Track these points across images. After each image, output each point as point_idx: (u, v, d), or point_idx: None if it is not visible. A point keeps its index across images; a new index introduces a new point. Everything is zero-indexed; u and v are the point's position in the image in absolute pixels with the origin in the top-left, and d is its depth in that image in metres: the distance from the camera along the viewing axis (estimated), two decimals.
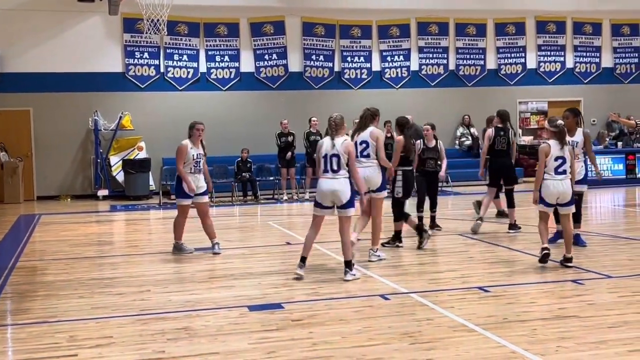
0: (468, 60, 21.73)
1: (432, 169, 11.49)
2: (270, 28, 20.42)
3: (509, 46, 22.03)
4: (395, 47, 21.30)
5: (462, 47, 21.68)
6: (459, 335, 6.03)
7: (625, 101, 22.17)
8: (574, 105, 21.79)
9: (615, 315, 6.52)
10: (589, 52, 22.58)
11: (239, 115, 19.76)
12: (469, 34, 21.71)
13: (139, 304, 7.38)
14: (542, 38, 22.24)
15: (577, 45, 22.50)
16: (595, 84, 22.48)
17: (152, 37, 18.46)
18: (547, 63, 22.30)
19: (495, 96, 21.67)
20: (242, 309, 7.05)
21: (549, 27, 22.26)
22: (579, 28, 22.49)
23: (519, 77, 22.09)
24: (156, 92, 19.67)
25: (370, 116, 9.67)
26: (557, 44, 22.34)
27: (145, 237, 13.27)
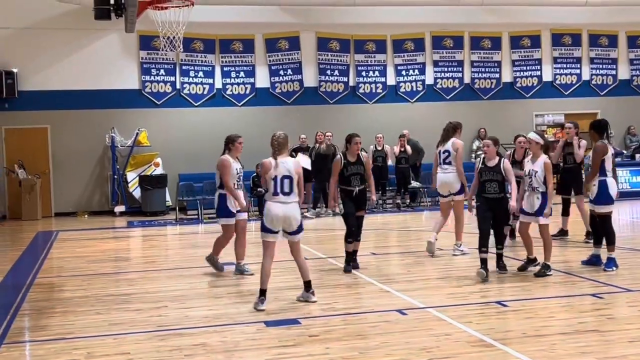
0: (483, 74, 21.69)
1: (495, 195, 8.97)
2: (285, 44, 20.50)
3: (524, 59, 21.97)
4: (410, 61, 21.30)
5: (477, 60, 21.65)
6: (477, 350, 5.98)
7: None
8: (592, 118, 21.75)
9: (635, 329, 6.45)
10: (605, 64, 22.47)
11: (254, 130, 19.75)
12: (484, 47, 21.68)
13: (156, 320, 7.38)
14: (558, 50, 22.16)
15: (593, 57, 22.40)
16: (612, 96, 22.32)
17: (168, 54, 18.60)
18: (563, 75, 22.21)
19: (511, 109, 21.60)
20: (259, 324, 7.04)
21: (564, 39, 22.18)
22: (595, 40, 22.39)
23: (535, 90, 22.01)
24: (172, 108, 19.78)
25: (452, 129, 11.18)
26: (573, 56, 22.25)
27: (162, 253, 13.30)
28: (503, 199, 8.94)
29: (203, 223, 16.96)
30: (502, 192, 8.94)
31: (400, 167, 18.56)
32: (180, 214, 17.95)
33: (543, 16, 21.58)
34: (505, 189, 9.00)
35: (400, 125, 19.77)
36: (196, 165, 19.36)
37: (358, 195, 9.59)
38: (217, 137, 19.69)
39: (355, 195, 9.55)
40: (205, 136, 19.66)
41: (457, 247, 10.83)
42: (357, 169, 9.58)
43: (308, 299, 7.87)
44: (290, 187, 7.72)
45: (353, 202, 9.61)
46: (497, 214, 8.91)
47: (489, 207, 8.89)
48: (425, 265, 10.34)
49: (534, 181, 8.82)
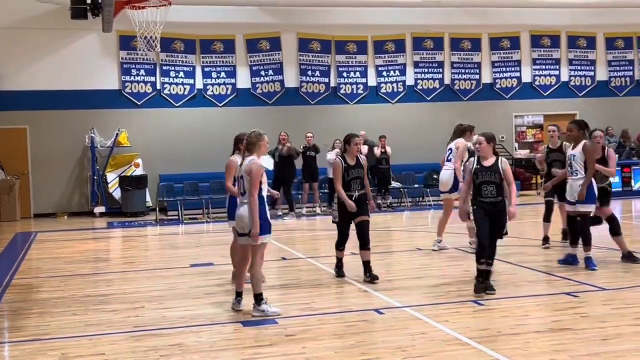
0: (463, 75, 21.82)
1: (492, 199, 7.99)
2: (266, 44, 20.50)
3: (504, 60, 22.12)
4: (391, 62, 21.38)
5: (457, 61, 21.77)
6: (452, 349, 6.02)
7: (620, 114, 22.24)
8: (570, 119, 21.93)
9: (609, 327, 6.52)
10: (583, 66, 22.68)
11: (235, 131, 19.46)
12: (464, 48, 21.81)
13: (133, 320, 7.37)
14: (537, 52, 22.34)
15: (572, 58, 22.60)
16: (591, 97, 22.55)
17: (148, 54, 18.52)
18: (542, 77, 22.39)
19: (491, 110, 21.74)
20: (236, 324, 7.05)
21: (543, 41, 22.36)
22: (574, 42, 22.60)
23: (514, 91, 22.17)
24: (153, 108, 19.72)
25: (459, 130, 11.14)
26: (552, 57, 22.44)
27: (142, 253, 13.25)
28: (501, 202, 7.96)
29: (183, 224, 16.92)
30: (500, 195, 7.99)
31: (380, 167, 18.67)
32: (160, 214, 17.89)
33: (522, 18, 21.75)
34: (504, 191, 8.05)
35: (381, 126, 19.85)
36: (177, 166, 19.33)
37: (357, 201, 8.87)
38: (197, 137, 19.81)
39: (355, 201, 8.83)
40: (186, 137, 19.64)
41: (437, 243, 11.10)
42: (357, 172, 8.95)
43: (235, 307, 7.50)
44: (244, 188, 7.38)
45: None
46: (494, 221, 7.93)
47: (485, 212, 7.96)
48: (404, 265, 10.40)
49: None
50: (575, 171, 9.20)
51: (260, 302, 7.28)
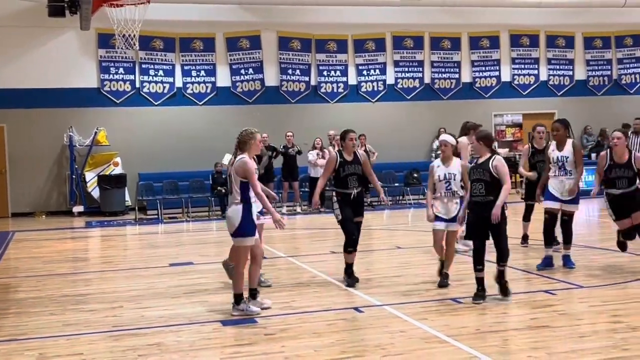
0: (443, 74, 21.89)
1: (480, 198, 7.52)
2: (246, 43, 20.44)
3: (483, 60, 22.22)
4: (371, 61, 21.40)
5: (437, 60, 21.84)
6: (431, 346, 6.04)
7: (598, 113, 22.41)
8: (549, 118, 22.09)
9: (586, 324, 6.58)
10: (562, 65, 22.84)
11: (215, 129, 19.71)
12: (444, 47, 21.88)
13: (111, 320, 7.32)
14: (516, 51, 22.47)
15: (551, 58, 22.75)
16: (569, 97, 22.69)
17: (127, 52, 18.38)
18: (521, 76, 22.52)
19: (471, 109, 21.78)
20: (215, 323, 7.03)
21: (522, 40, 22.50)
22: (552, 41, 22.75)
23: (494, 90, 22.28)
24: (132, 107, 19.58)
25: (462, 128, 11.05)
26: (531, 57, 22.58)
27: (121, 253, 13.17)
28: (491, 203, 7.43)
29: (163, 223, 16.84)
30: (491, 194, 7.44)
31: None
32: (139, 213, 17.80)
33: (501, 17, 21.85)
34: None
35: (362, 125, 19.77)
36: (156, 165, 19.23)
37: (356, 199, 8.55)
38: (177, 136, 19.72)
39: (353, 199, 8.51)
40: (166, 135, 19.54)
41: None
42: (354, 168, 8.54)
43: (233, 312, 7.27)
44: (230, 188, 7.30)
45: (351, 207, 8.55)
46: (485, 221, 7.46)
47: (475, 212, 7.58)
48: (384, 264, 10.42)
49: (452, 185, 8.26)
50: (569, 172, 9.10)
51: (240, 302, 7.22)
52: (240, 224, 7.13)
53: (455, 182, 8.25)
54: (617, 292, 7.82)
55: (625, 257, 9.64)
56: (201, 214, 17.84)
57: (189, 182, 18.55)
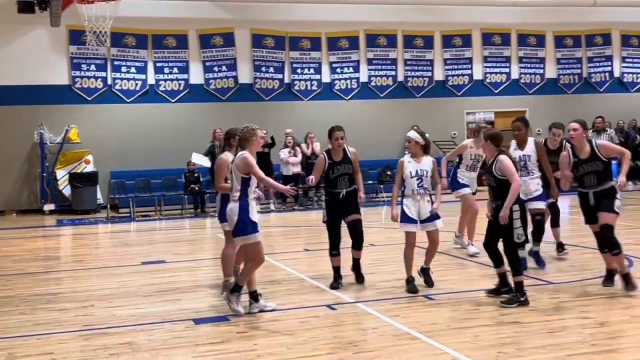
0: (416, 72, 22.00)
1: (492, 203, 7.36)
2: (220, 40, 20.38)
3: (455, 58, 22.38)
4: (345, 59, 21.45)
5: (410, 59, 21.94)
6: (402, 343, 6.08)
7: (569, 111, 22.58)
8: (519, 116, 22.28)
9: (555, 320, 6.66)
10: (533, 64, 23.07)
11: (188, 127, 19.64)
12: (417, 46, 21.99)
13: (82, 319, 7.27)
14: (488, 50, 22.65)
15: (522, 56, 22.97)
16: (540, 95, 22.94)
17: (98, 49, 18.24)
18: (493, 74, 22.71)
19: (443, 107, 21.97)
20: (187, 322, 7.01)
21: (494, 39, 22.69)
22: (524, 40, 22.97)
23: (466, 88, 22.44)
24: (103, 104, 19.44)
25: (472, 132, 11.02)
26: (503, 55, 22.77)
27: (92, 251, 13.06)
28: (499, 207, 7.13)
29: (135, 221, 16.74)
30: (498, 198, 7.16)
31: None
32: (111, 212, 17.68)
33: (474, 16, 22.01)
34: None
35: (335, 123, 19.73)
36: (128, 163, 19.11)
37: (346, 198, 8.20)
38: (149, 133, 19.60)
39: (342, 199, 8.20)
40: (138, 133, 19.41)
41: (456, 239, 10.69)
42: (344, 168, 8.20)
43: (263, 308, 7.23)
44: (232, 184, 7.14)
45: (341, 207, 8.23)
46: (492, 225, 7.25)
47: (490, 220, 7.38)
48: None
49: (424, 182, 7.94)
50: (531, 171, 8.91)
51: (233, 292, 7.10)
52: (238, 222, 6.95)
53: (426, 179, 7.92)
54: (586, 288, 7.92)
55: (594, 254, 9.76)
56: (174, 212, 17.76)
57: (162, 179, 18.46)
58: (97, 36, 14.35)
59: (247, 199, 7.03)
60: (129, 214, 17.44)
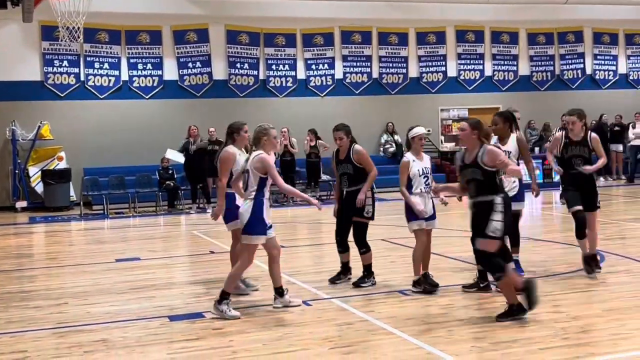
0: (391, 69, 22.08)
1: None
2: (194, 36, 20.29)
3: (430, 55, 22.48)
4: (320, 55, 21.47)
5: (385, 55, 22.02)
6: (377, 338, 6.13)
7: (541, 108, 22.88)
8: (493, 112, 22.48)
9: (527, 315, 6.73)
10: (506, 61, 23.26)
11: (162, 123, 19.54)
12: (391, 43, 22.07)
13: (56, 317, 7.22)
14: (462, 47, 22.79)
15: (495, 53, 23.14)
16: (513, 92, 23.12)
17: (71, 45, 18.05)
18: (466, 71, 22.86)
19: (418, 104, 22.08)
20: (162, 319, 6.99)
21: (468, 36, 22.83)
22: (497, 37, 23.15)
23: (440, 85, 22.57)
24: (76, 100, 19.26)
25: None
26: (476, 52, 22.93)
27: (66, 249, 12.95)
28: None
29: (109, 218, 16.63)
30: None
31: (310, 161, 18.81)
32: (85, 209, 17.54)
33: (447, 13, 22.14)
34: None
35: (311, 120, 19.91)
36: (102, 159, 18.97)
37: (347, 198, 8.09)
38: (123, 130, 19.45)
39: (344, 199, 8.13)
40: (112, 129, 19.27)
41: None
42: (344, 168, 8.13)
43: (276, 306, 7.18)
44: (247, 183, 7.04)
45: (344, 206, 8.16)
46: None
47: None
48: (333, 257, 10.41)
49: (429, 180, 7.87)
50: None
51: (222, 302, 6.88)
52: (249, 222, 6.85)
53: (431, 177, 7.87)
54: (558, 282, 8.02)
55: (565, 249, 9.90)
56: (148, 209, 17.65)
57: (136, 176, 18.33)
58: (70, 32, 14.21)
59: (263, 197, 6.95)
60: (103, 211, 17.31)
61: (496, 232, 6.48)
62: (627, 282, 7.80)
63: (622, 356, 5.51)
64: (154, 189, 17.91)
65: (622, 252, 9.56)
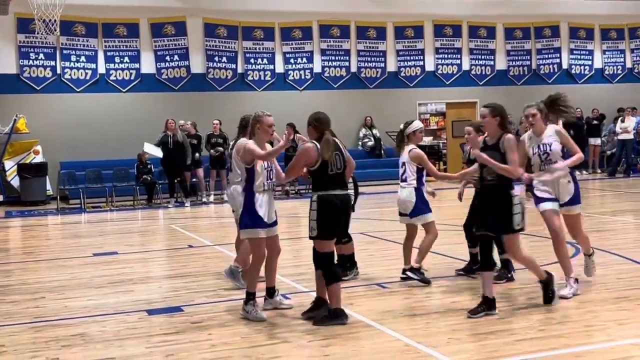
0: (369, 63, 22.12)
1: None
2: (171, 29, 20.17)
3: (408, 49, 22.55)
4: (298, 49, 21.45)
5: (363, 49, 22.05)
6: (355, 330, 6.16)
7: (518, 102, 22.84)
8: (471, 107, 22.64)
9: (504, 306, 6.81)
10: (484, 55, 23.39)
11: (139, 117, 19.43)
12: (370, 37, 22.10)
13: (33, 311, 7.18)
14: (440, 41, 22.88)
15: (473, 48, 23.26)
16: (491, 86, 23.24)
17: (47, 37, 17.87)
18: (444, 65, 22.96)
19: (396, 98, 22.14)
20: (140, 313, 6.98)
21: (445, 30, 22.93)
22: (474, 32, 23.26)
23: (418, 79, 22.65)
24: (53, 94, 19.08)
25: None
26: (454, 47, 23.03)
27: (42, 243, 12.85)
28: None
29: (86, 212, 16.52)
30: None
31: (289, 154, 18.72)
32: (61, 203, 17.40)
33: (425, 7, 22.21)
34: None
35: (289, 113, 19.84)
36: (78, 153, 18.83)
37: None
38: (100, 123, 19.32)
39: None
40: (88, 123, 19.13)
41: None
42: None
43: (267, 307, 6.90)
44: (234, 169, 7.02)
45: None
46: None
47: None
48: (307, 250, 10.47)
49: None
50: None
51: (248, 302, 6.63)
52: (242, 214, 6.66)
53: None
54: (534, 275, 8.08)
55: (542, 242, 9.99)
56: (126, 203, 17.56)
57: (113, 170, 18.22)
58: (46, 24, 14.06)
59: (254, 190, 6.63)
60: (80, 205, 17.19)
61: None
62: (601, 275, 7.89)
63: (597, 347, 5.59)
64: (131, 183, 17.82)
65: (597, 244, 9.67)
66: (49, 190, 18.32)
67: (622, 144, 20.95)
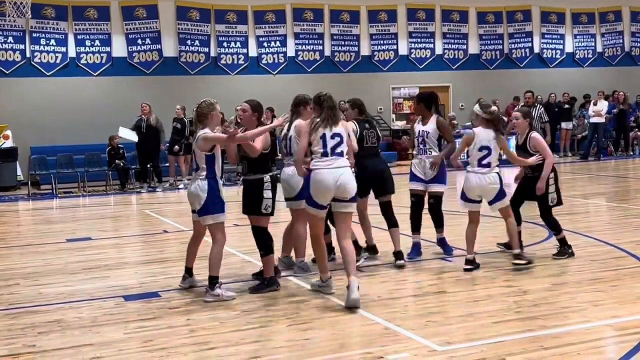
0: (343, 47, 22.08)
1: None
2: (143, 12, 19.94)
3: (381, 33, 22.55)
4: (272, 32, 21.33)
5: (337, 33, 21.99)
6: (334, 314, 6.18)
7: (490, 86, 23.19)
8: (445, 91, 22.71)
9: (480, 289, 6.89)
10: (456, 39, 23.47)
11: (111, 101, 19.22)
12: (343, 20, 22.05)
13: (7, 298, 7.10)
14: (413, 25, 22.90)
15: (446, 32, 23.33)
16: (463, 70, 23.38)
17: (16, 20, 17.57)
18: (417, 50, 23.00)
19: (370, 82, 22.14)
20: (117, 299, 6.93)
21: (419, 14, 22.95)
22: (447, 16, 23.32)
23: (392, 63, 22.67)
24: (22, 78, 18.80)
25: None
26: (427, 31, 23.07)
27: (14, 229, 12.68)
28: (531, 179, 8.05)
29: (58, 198, 16.32)
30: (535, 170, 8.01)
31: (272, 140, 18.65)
32: (32, 188, 17.18)
33: None
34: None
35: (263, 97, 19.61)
36: (49, 138, 18.60)
37: None
38: (71, 108, 19.09)
39: None
40: (59, 107, 18.90)
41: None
42: None
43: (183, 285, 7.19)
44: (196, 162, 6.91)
45: None
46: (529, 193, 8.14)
47: None
48: None
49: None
50: (428, 149, 8.19)
51: (214, 286, 6.70)
52: (207, 201, 6.69)
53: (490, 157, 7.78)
54: (508, 258, 8.17)
55: None
56: (98, 188, 17.38)
57: (85, 155, 18.00)
58: (17, 7, 13.81)
59: (216, 177, 6.77)
60: (51, 191, 16.99)
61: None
62: (575, 257, 8.00)
63: (573, 329, 5.66)
64: (103, 168, 17.62)
65: (571, 227, 9.78)
66: (19, 176, 18.08)
67: (593, 127, 21.10)
